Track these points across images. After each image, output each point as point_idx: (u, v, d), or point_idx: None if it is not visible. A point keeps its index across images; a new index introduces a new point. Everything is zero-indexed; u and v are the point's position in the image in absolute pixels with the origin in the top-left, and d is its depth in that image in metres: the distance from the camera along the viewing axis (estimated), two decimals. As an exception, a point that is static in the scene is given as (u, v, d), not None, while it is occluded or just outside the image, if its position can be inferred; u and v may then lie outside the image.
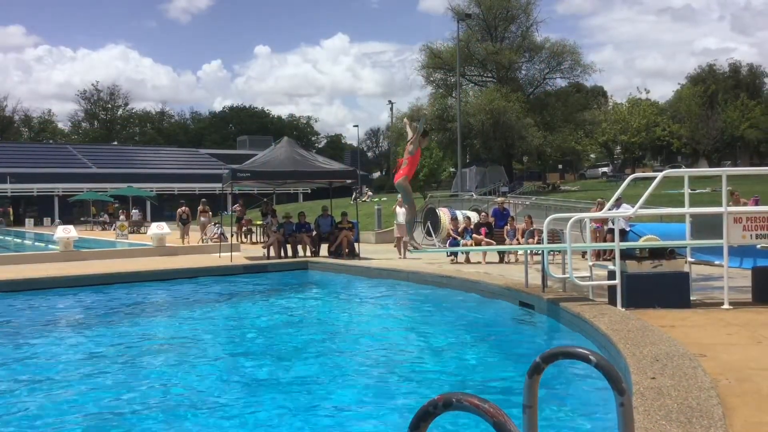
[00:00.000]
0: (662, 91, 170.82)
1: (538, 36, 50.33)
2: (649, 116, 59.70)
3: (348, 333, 9.10)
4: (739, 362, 5.43)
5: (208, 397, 5.91)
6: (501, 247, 15.75)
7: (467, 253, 16.18)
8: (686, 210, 9.08)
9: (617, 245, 8.57)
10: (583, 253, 14.70)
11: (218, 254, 18.78)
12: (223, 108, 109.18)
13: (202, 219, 25.12)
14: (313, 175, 18.67)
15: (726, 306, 8.02)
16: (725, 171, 9.30)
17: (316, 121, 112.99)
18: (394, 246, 18.83)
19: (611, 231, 11.81)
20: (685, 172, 9.67)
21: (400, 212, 18.25)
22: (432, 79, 50.76)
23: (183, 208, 25.53)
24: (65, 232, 19.51)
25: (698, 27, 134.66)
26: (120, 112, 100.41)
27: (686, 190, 9.08)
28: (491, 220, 17.26)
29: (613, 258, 9.02)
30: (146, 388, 6.28)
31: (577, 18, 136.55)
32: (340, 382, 6.35)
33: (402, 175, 8.83)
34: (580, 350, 2.14)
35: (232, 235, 21.26)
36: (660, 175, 8.85)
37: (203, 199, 26.79)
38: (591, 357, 2.09)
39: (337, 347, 8.02)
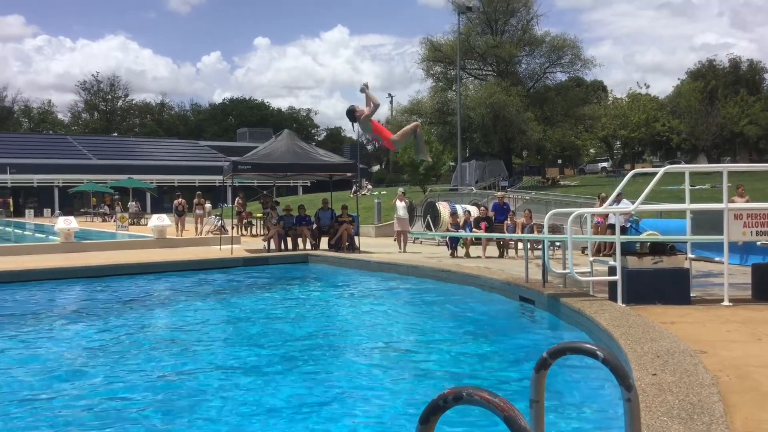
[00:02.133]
0: (662, 87, 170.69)
1: (539, 30, 50.18)
2: (649, 111, 59.67)
3: (348, 326, 9.13)
4: (739, 359, 5.46)
5: (206, 388, 5.93)
6: (502, 235, 15.79)
7: (467, 248, 16.20)
8: (687, 206, 9.09)
9: (617, 240, 8.58)
10: (583, 249, 14.73)
11: (218, 247, 18.80)
12: (223, 100, 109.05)
13: (198, 211, 25.20)
14: (313, 168, 18.69)
15: (726, 303, 8.05)
16: (726, 167, 9.32)
17: (315, 113, 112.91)
18: (394, 240, 18.85)
19: (612, 227, 11.84)
20: (685, 168, 9.68)
21: (400, 206, 18.27)
22: (432, 72, 50.61)
23: (179, 199, 25.60)
24: (66, 223, 19.52)
25: (698, 22, 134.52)
26: (120, 103, 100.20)
27: (687, 186, 9.09)
28: (491, 214, 17.27)
29: (614, 254, 9.05)
30: (143, 379, 6.28)
31: (577, 12, 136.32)
32: (341, 374, 6.37)
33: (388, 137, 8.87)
34: (588, 345, 2.16)
35: (232, 228, 21.27)
36: (661, 170, 8.87)
37: (198, 192, 26.84)
38: (598, 352, 2.10)
39: (337, 340, 8.05)
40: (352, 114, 8.85)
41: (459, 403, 1.63)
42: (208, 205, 26.84)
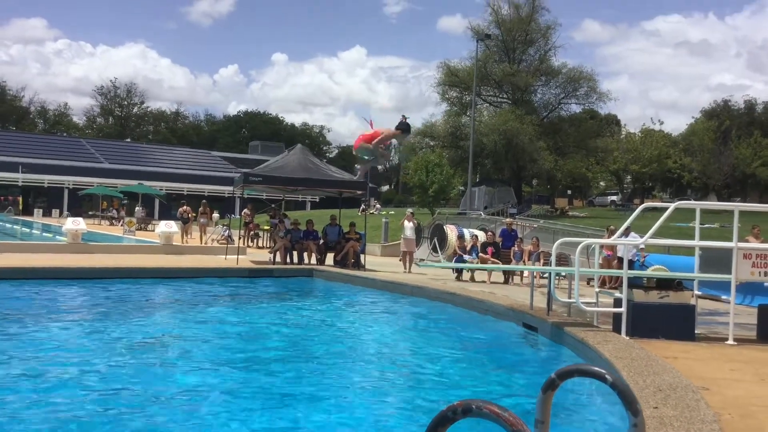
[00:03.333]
0: (675, 124, 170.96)
1: (556, 61, 50.53)
2: (662, 147, 59.67)
3: (349, 343, 9.11)
4: (742, 398, 5.42)
5: (197, 397, 5.92)
6: (509, 267, 15.74)
7: (472, 271, 16.18)
8: (696, 242, 9.08)
9: (625, 273, 8.57)
10: (588, 280, 14.68)
11: (224, 256, 18.84)
12: (238, 112, 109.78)
13: (202, 220, 25.32)
14: (324, 184, 18.77)
15: (730, 342, 8.00)
16: (737, 206, 9.31)
17: (329, 131, 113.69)
18: (400, 260, 18.85)
19: (620, 260, 11.82)
20: (697, 204, 9.67)
21: (408, 226, 18.30)
22: (447, 96, 50.93)
23: (184, 207, 25.75)
24: (74, 224, 19.64)
25: (715, 62, 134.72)
26: (135, 109, 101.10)
27: (697, 223, 9.09)
28: (498, 240, 17.27)
29: (619, 287, 9.03)
30: (137, 384, 6.28)
31: (594, 46, 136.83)
32: (338, 392, 6.36)
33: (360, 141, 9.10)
34: (596, 369, 2.17)
35: (239, 238, 21.33)
36: (672, 206, 8.87)
37: (204, 200, 27.00)
38: (607, 376, 2.12)
39: (337, 357, 8.02)
40: (406, 126, 9.33)
41: (468, 416, 1.64)
42: (215, 215, 26.95)
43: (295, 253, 18.19)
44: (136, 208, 38.19)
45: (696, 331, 8.35)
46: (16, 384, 6.07)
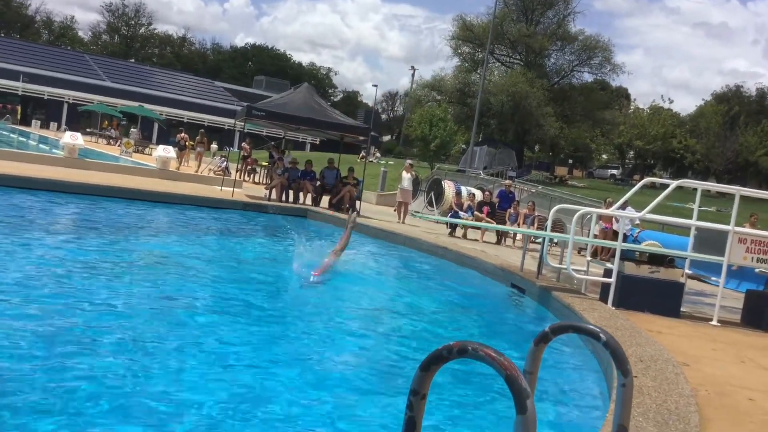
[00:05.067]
0: (684, 104, 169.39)
1: (573, 27, 49.65)
2: (668, 126, 59.25)
3: (334, 288, 9.10)
4: (721, 377, 5.48)
5: (177, 326, 5.90)
6: (504, 227, 15.73)
7: (465, 229, 16.19)
8: (693, 222, 9.06)
9: (619, 245, 8.57)
10: (580, 250, 14.72)
11: (220, 187, 18.76)
12: (245, 44, 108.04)
13: (198, 149, 25.22)
14: (327, 126, 18.58)
15: (714, 322, 8.06)
16: (739, 190, 9.24)
17: (335, 74, 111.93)
18: (394, 210, 18.82)
19: (616, 233, 11.82)
20: (699, 184, 9.61)
21: (406, 177, 18.21)
22: (459, 51, 50.15)
23: (182, 134, 25.58)
24: (72, 138, 19.43)
25: (731, 47, 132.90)
26: (142, 30, 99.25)
27: (697, 203, 9.05)
28: (495, 200, 17.23)
29: (611, 258, 9.04)
30: (113, 301, 6.28)
31: (613, 16, 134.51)
32: (322, 336, 6.39)
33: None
34: (591, 327, 2.15)
35: (236, 172, 21.21)
36: (674, 183, 8.81)
37: (201, 130, 26.82)
38: (601, 335, 2.09)
39: (320, 300, 7.97)
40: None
41: (463, 356, 1.62)
42: (214, 146, 26.81)
43: (291, 192, 18.13)
44: (131, 129, 37.76)
45: (682, 309, 8.40)
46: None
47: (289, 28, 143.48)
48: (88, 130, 46.18)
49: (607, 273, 8.58)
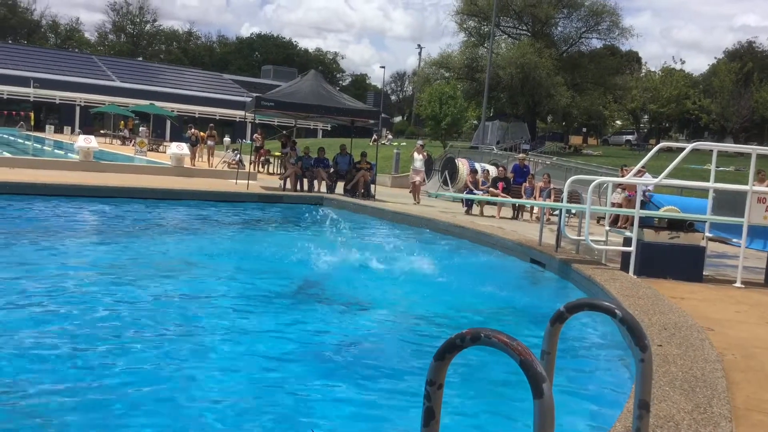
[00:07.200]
0: (697, 64, 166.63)
1: (579, -8, 48.76)
2: (681, 88, 58.36)
3: (357, 273, 9.15)
4: (746, 339, 5.45)
5: (198, 318, 5.97)
6: (520, 200, 15.66)
7: (482, 206, 16.15)
8: (710, 184, 8.96)
9: (637, 212, 8.51)
10: (599, 219, 14.63)
11: (235, 181, 18.85)
12: (251, 34, 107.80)
13: (209, 143, 25.35)
14: (337, 111, 18.55)
15: (738, 284, 8.01)
16: (755, 149, 9.14)
17: (342, 58, 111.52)
18: (409, 192, 18.81)
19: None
20: (714, 146, 9.48)
21: (417, 158, 18.19)
22: (465, 26, 49.57)
23: (192, 130, 25.73)
24: (86, 141, 19.61)
25: (740, 2, 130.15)
26: (148, 27, 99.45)
27: (713, 165, 8.94)
28: (510, 175, 17.14)
29: (629, 227, 8.98)
30: (136, 302, 6.36)
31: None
32: (344, 319, 6.44)
33: None
34: (606, 303, 2.14)
35: (250, 164, 21.29)
36: (690, 146, 8.72)
37: (211, 124, 26.95)
38: (616, 311, 2.09)
39: (347, 285, 8.06)
40: None
41: (476, 344, 1.63)
42: (226, 139, 26.96)
43: (305, 180, 18.17)
44: (140, 128, 37.97)
45: (704, 273, 8.35)
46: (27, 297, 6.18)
47: (293, 15, 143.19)
48: (102, 131, 46.56)
49: (627, 242, 8.54)
